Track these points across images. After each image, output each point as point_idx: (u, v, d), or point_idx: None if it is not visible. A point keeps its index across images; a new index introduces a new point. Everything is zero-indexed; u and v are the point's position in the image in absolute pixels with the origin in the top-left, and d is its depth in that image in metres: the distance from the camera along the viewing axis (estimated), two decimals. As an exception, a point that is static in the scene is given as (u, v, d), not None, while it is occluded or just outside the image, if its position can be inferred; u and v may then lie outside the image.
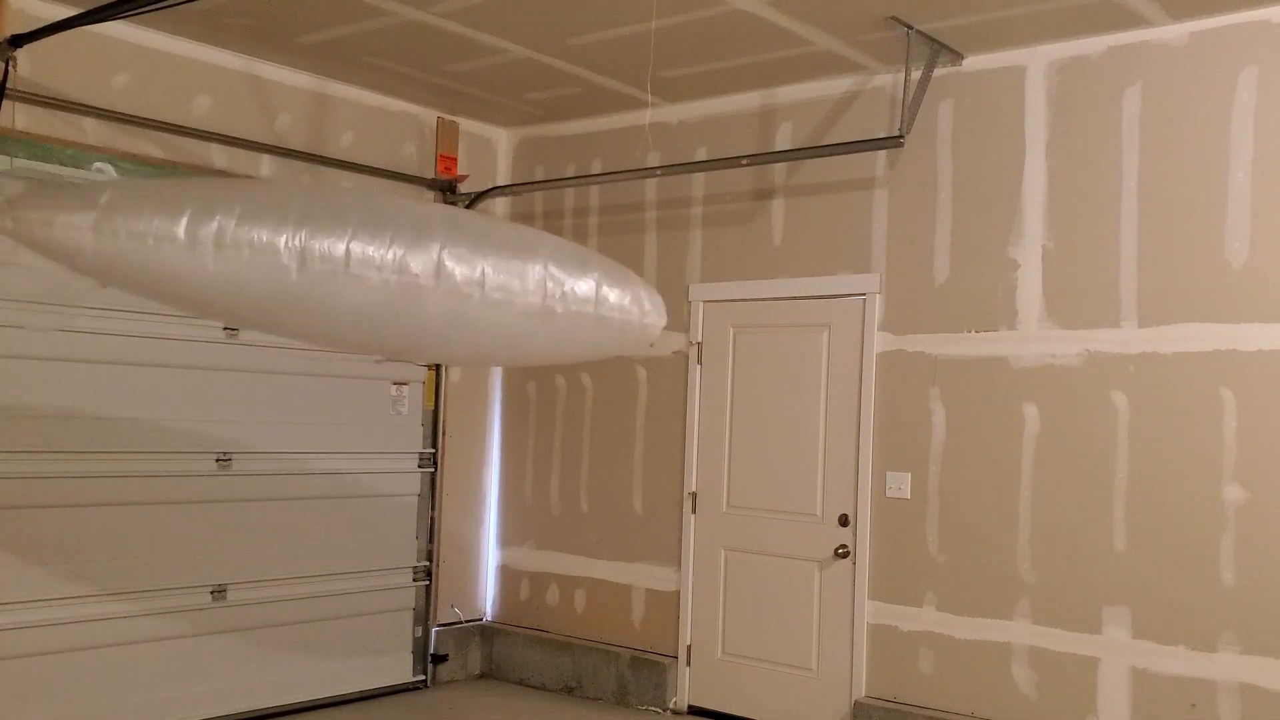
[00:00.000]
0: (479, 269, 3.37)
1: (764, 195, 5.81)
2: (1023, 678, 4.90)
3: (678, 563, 6.02)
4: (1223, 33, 4.56)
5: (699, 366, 6.01)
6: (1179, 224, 4.62)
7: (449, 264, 3.33)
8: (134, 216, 3.21)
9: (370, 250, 3.26)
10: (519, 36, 5.15)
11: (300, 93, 5.84)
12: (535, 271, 3.45)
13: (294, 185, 3.89)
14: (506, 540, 6.79)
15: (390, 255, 3.28)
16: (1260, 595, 4.37)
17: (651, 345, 3.84)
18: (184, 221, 3.18)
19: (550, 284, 3.46)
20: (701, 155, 5.99)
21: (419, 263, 3.30)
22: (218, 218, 3.21)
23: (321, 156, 5.89)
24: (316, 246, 3.23)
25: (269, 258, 3.21)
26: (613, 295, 3.57)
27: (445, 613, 6.52)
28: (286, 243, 3.21)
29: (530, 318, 3.47)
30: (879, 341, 5.38)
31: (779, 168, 5.75)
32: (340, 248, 3.24)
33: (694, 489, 5.99)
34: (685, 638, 5.96)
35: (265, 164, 5.68)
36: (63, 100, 4.92)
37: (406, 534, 6.33)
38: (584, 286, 3.52)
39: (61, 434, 4.93)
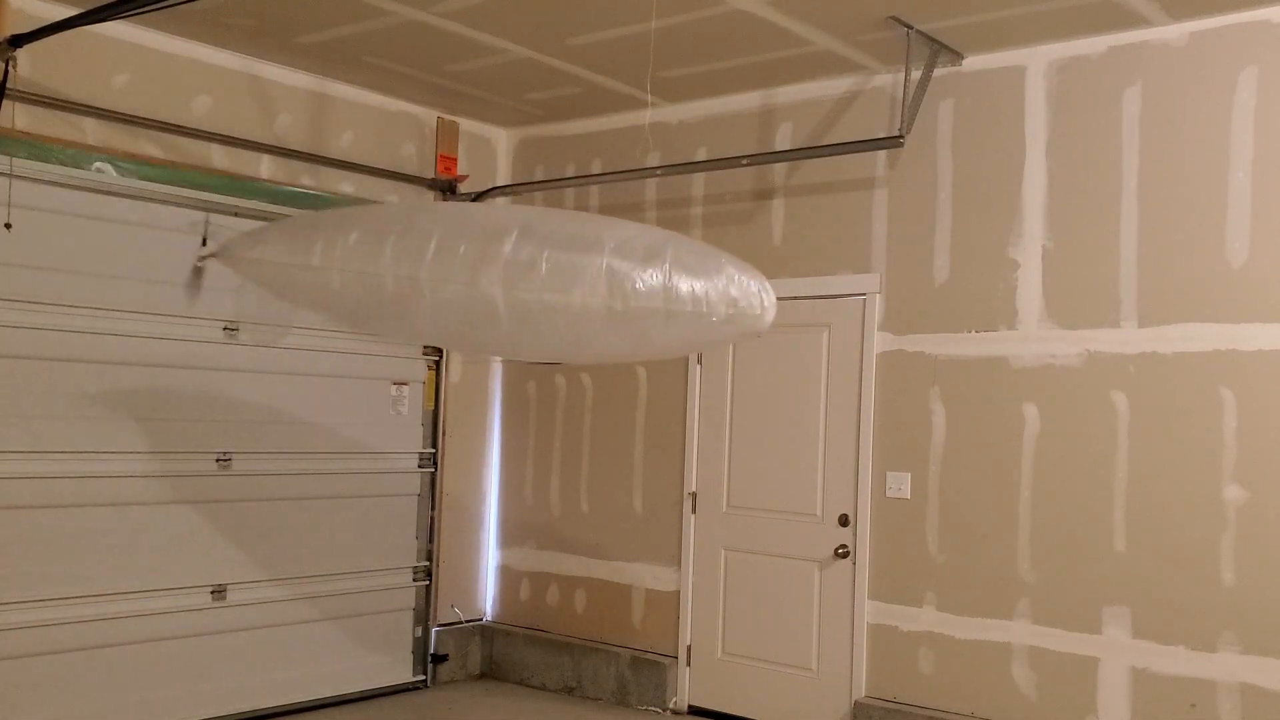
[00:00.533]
0: (540, 272, 3.49)
1: (764, 195, 5.81)
2: (1023, 678, 4.90)
3: (678, 563, 6.02)
4: (1223, 33, 4.56)
5: (699, 366, 6.01)
6: (1179, 224, 4.62)
7: (512, 271, 3.52)
8: (285, 249, 4.00)
9: (443, 264, 3.62)
10: (519, 36, 5.15)
11: (300, 93, 5.84)
12: (594, 270, 3.43)
13: (403, 209, 4.40)
14: (506, 540, 6.79)
15: (459, 267, 3.59)
16: (1260, 595, 4.37)
17: (758, 335, 3.78)
18: (317, 251, 3.88)
19: (610, 282, 3.43)
20: (701, 155, 5.99)
21: (485, 272, 3.56)
22: (339, 245, 3.84)
23: (321, 156, 5.89)
24: (404, 265, 3.68)
25: (371, 277, 3.76)
26: (685, 288, 3.46)
27: (445, 613, 6.52)
28: (383, 263, 3.73)
29: (589, 317, 3.48)
30: (879, 341, 5.38)
31: (779, 168, 5.75)
32: (420, 265, 3.65)
33: (694, 489, 5.98)
34: (685, 638, 5.96)
35: (265, 164, 5.68)
36: (63, 100, 4.92)
37: (406, 534, 6.33)
38: (650, 282, 3.44)
39: (62, 434, 4.93)
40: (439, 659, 6.45)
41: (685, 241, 3.73)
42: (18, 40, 4.50)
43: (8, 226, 4.57)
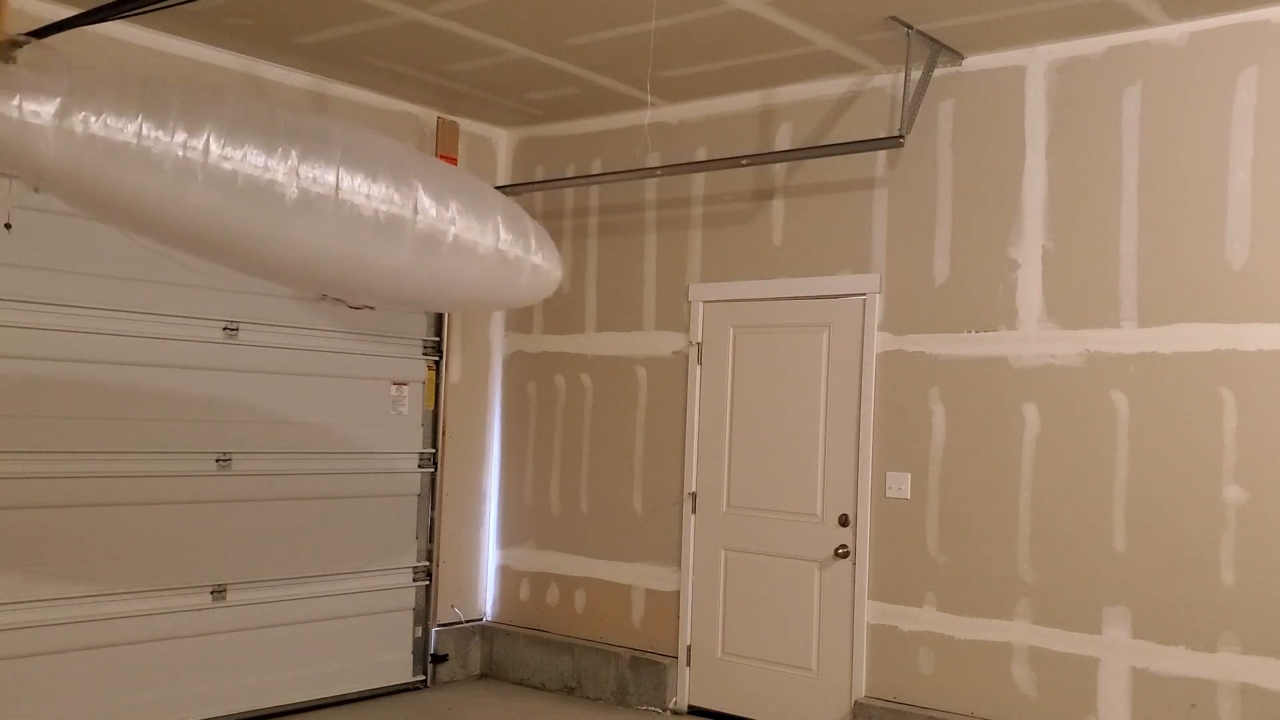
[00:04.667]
0: (454, 212, 3.62)
1: (764, 195, 5.81)
2: (1023, 678, 4.90)
3: (678, 563, 6.02)
4: (1223, 33, 4.56)
5: (699, 366, 6.01)
6: (1179, 224, 4.62)
7: (427, 204, 3.54)
8: (110, 115, 2.77)
9: (358, 181, 3.34)
10: (519, 36, 5.15)
11: (300, 93, 5.84)
12: (492, 219, 3.77)
13: (272, 103, 3.56)
14: (506, 540, 6.79)
15: (379, 187, 3.40)
16: (1260, 595, 4.37)
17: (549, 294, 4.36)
18: (170, 129, 2.82)
19: (502, 231, 3.82)
20: (701, 155, 5.99)
21: (403, 199, 3.46)
22: (207, 129, 2.86)
23: (321, 156, 5.89)
24: (311, 175, 3.14)
25: (264, 182, 3.02)
26: (539, 251, 4.01)
27: (445, 613, 6.53)
28: (282, 167, 3.05)
29: (481, 261, 3.77)
30: (879, 341, 5.38)
31: (779, 168, 5.75)
32: (328, 177, 3.22)
33: (694, 489, 5.98)
34: (685, 638, 5.96)
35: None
36: (63, 100, 4.91)
37: (406, 534, 6.33)
38: (519, 237, 3.93)
39: (62, 434, 4.93)
40: (439, 659, 6.45)
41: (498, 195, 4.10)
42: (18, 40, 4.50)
43: (8, 227, 4.57)
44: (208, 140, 2.91)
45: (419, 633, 6.38)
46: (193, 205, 2.97)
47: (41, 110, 2.65)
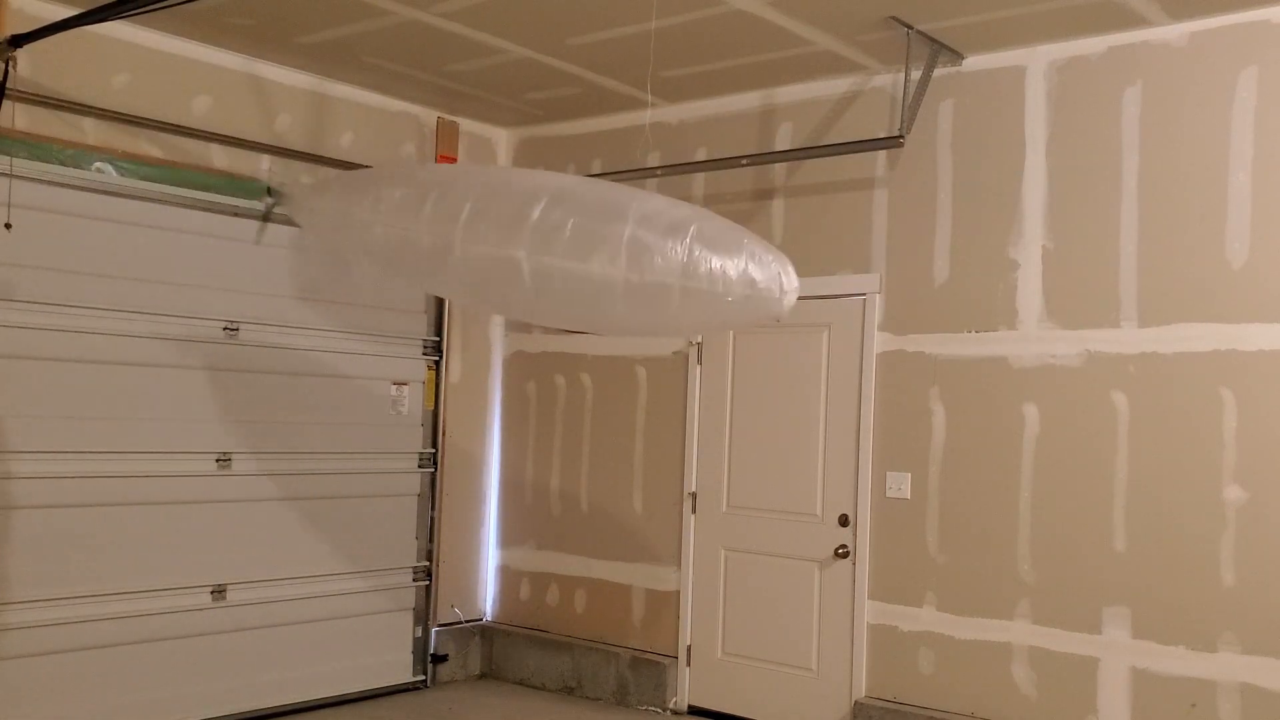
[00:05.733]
0: (563, 238, 3.63)
1: (764, 195, 5.81)
2: (1023, 678, 4.90)
3: (678, 563, 6.02)
4: (1223, 33, 4.56)
5: (699, 366, 6.01)
6: (1179, 224, 4.62)
7: (538, 236, 3.67)
8: (339, 201, 4.41)
9: (475, 226, 3.82)
10: (519, 36, 5.15)
11: (300, 93, 5.84)
12: (615, 240, 3.60)
13: (448, 170, 4.78)
14: (506, 540, 6.79)
15: (490, 229, 3.78)
16: (1260, 595, 4.37)
17: (778, 320, 3.82)
18: (365, 205, 4.16)
19: (630, 253, 3.57)
20: (701, 155, 5.99)
21: (513, 235, 3.70)
22: (385, 200, 4.14)
23: (321, 156, 5.89)
24: (438, 224, 3.94)
25: (407, 233, 4.02)
26: (703, 265, 3.56)
27: (445, 613, 6.52)
28: (420, 221, 3.97)
29: (607, 288, 3.63)
30: (879, 341, 5.38)
31: (779, 168, 5.75)
32: (454, 225, 3.88)
33: (694, 489, 5.98)
34: (685, 638, 5.96)
35: (265, 164, 5.68)
36: (63, 100, 4.92)
37: (406, 534, 6.33)
38: (669, 256, 3.54)
39: (62, 434, 4.93)
40: (439, 659, 6.44)
41: (711, 218, 3.73)
42: (18, 40, 4.50)
43: (8, 226, 4.57)
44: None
45: (419, 633, 6.38)
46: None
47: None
